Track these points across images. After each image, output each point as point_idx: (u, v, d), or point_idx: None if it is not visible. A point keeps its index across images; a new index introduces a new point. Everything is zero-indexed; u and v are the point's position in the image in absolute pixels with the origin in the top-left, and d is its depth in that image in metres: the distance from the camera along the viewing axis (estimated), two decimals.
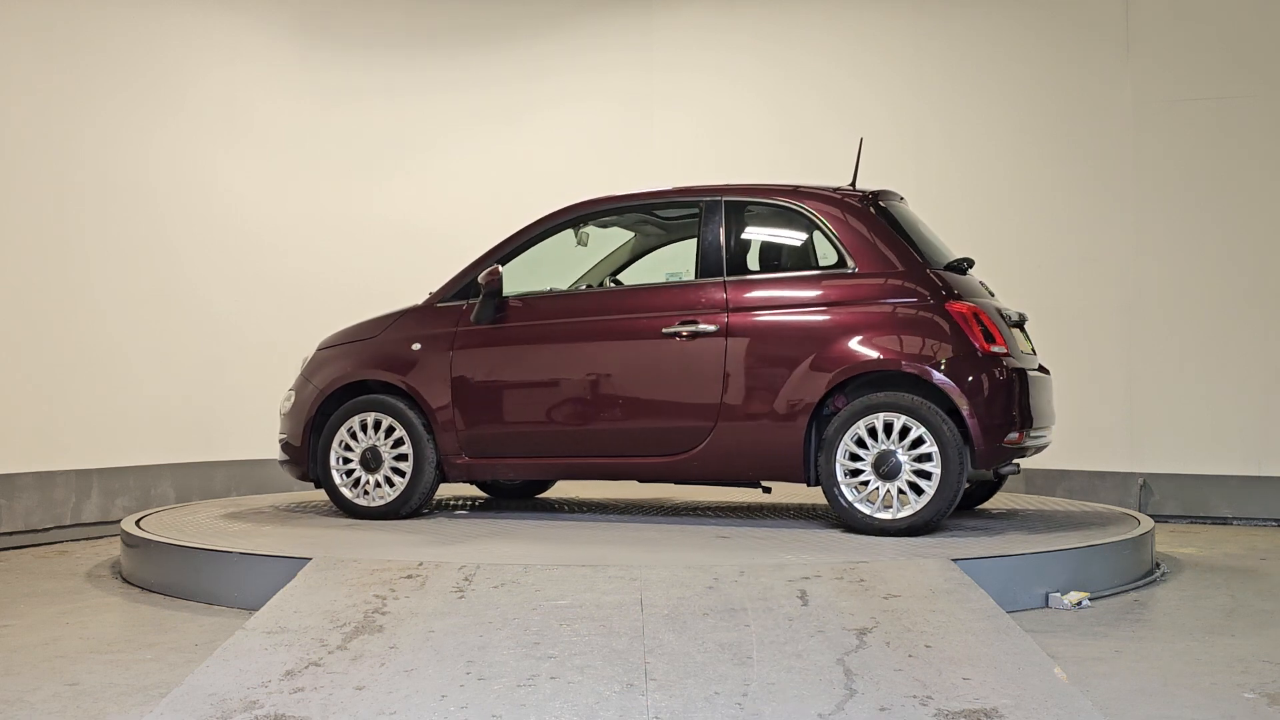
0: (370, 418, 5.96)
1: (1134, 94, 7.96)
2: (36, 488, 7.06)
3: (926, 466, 5.28)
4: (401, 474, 5.92)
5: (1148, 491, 7.84)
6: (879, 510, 5.35)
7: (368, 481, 5.95)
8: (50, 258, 7.30)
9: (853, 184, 6.04)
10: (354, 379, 6.04)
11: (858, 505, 5.37)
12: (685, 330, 5.61)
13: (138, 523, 5.84)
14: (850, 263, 5.60)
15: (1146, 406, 7.90)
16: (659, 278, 6.24)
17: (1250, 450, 7.66)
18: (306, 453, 6.06)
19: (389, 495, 5.93)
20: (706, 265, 5.73)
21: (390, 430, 5.93)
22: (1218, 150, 7.79)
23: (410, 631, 3.76)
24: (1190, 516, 7.76)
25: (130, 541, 5.60)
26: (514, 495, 6.96)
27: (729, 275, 5.69)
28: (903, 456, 5.30)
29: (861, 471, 5.38)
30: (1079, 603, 4.87)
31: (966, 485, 5.78)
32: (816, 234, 5.83)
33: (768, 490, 5.91)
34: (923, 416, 5.28)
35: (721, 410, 5.54)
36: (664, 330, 5.66)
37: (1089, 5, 8.12)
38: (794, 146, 8.61)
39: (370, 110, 8.76)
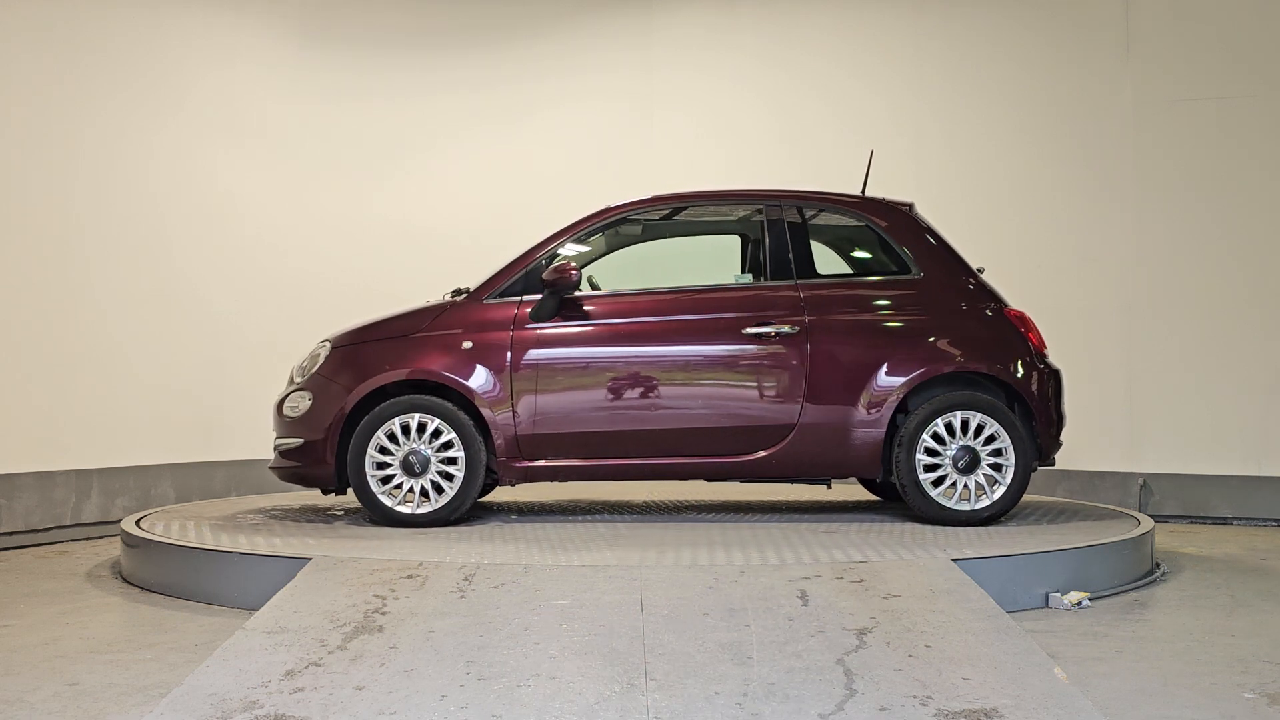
0: (414, 419, 5.63)
1: (1134, 94, 7.97)
2: (36, 488, 7.06)
3: (998, 460, 5.67)
4: (449, 478, 5.63)
5: (1148, 491, 7.84)
6: (958, 503, 5.67)
7: (410, 488, 5.62)
8: (50, 258, 7.31)
9: (862, 193, 6.25)
10: (401, 378, 5.67)
11: (938, 499, 5.65)
12: (770, 331, 5.71)
13: (138, 523, 5.84)
14: (915, 269, 5.92)
15: (1146, 406, 7.90)
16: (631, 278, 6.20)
17: (1250, 450, 7.66)
18: (333, 458, 5.67)
19: (438, 502, 5.61)
20: (776, 268, 5.87)
21: (436, 433, 5.62)
22: (1218, 150, 7.80)
23: (410, 631, 3.76)
24: (1190, 516, 7.76)
25: (130, 541, 5.60)
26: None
27: (799, 278, 5.85)
28: (981, 451, 5.66)
29: (939, 466, 5.65)
30: (1079, 603, 4.87)
31: None
32: (876, 240, 6.07)
33: (829, 486, 6.16)
34: (998, 414, 5.67)
35: (804, 409, 5.69)
36: (745, 330, 5.73)
37: (1089, 5, 8.12)
38: (794, 146, 8.62)
39: (370, 110, 8.76)
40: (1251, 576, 5.74)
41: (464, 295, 5.91)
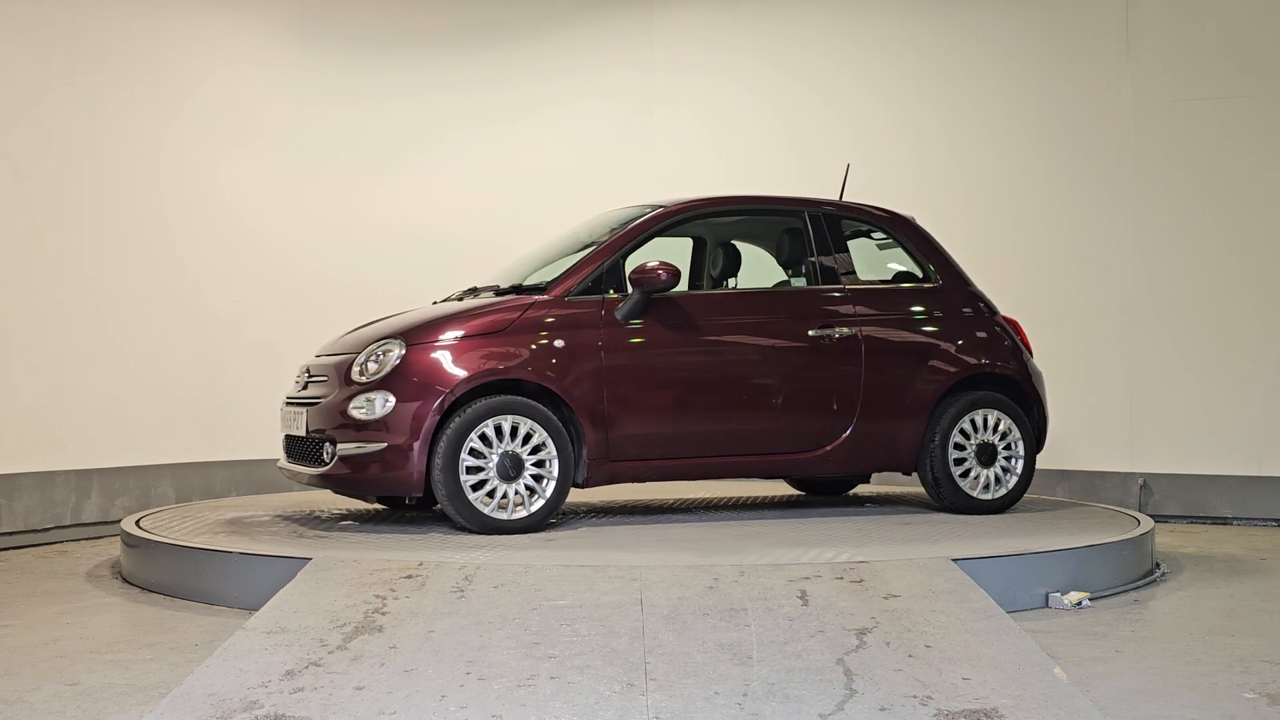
0: (507, 422, 5.38)
1: (1134, 94, 7.96)
2: (36, 488, 7.05)
3: (1009, 453, 6.17)
4: (539, 480, 5.42)
5: (1148, 491, 7.83)
6: (981, 492, 6.12)
7: (504, 494, 5.37)
8: (51, 258, 7.30)
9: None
10: (500, 377, 5.42)
11: (965, 489, 6.09)
12: (833, 332, 5.96)
13: (138, 523, 5.84)
14: (933, 277, 6.34)
15: (1146, 406, 7.90)
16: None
17: (1250, 450, 7.65)
18: (424, 462, 5.30)
19: (534, 505, 5.40)
20: (825, 273, 6.13)
21: (528, 436, 5.39)
22: (1218, 150, 7.79)
23: (410, 631, 3.76)
24: (1190, 516, 7.76)
25: (130, 541, 5.60)
26: (410, 506, 6.25)
27: (845, 283, 6.13)
28: (997, 445, 6.13)
29: (964, 460, 6.07)
30: (1079, 603, 4.87)
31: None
32: (897, 249, 6.43)
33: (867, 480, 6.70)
34: (1011, 411, 6.17)
35: (860, 408, 5.96)
36: (810, 333, 5.93)
37: (1089, 5, 8.11)
38: (795, 145, 8.62)
39: (370, 110, 8.76)
40: (1251, 576, 5.74)
41: (514, 293, 5.77)
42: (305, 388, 5.80)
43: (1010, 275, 8.08)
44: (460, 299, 6.08)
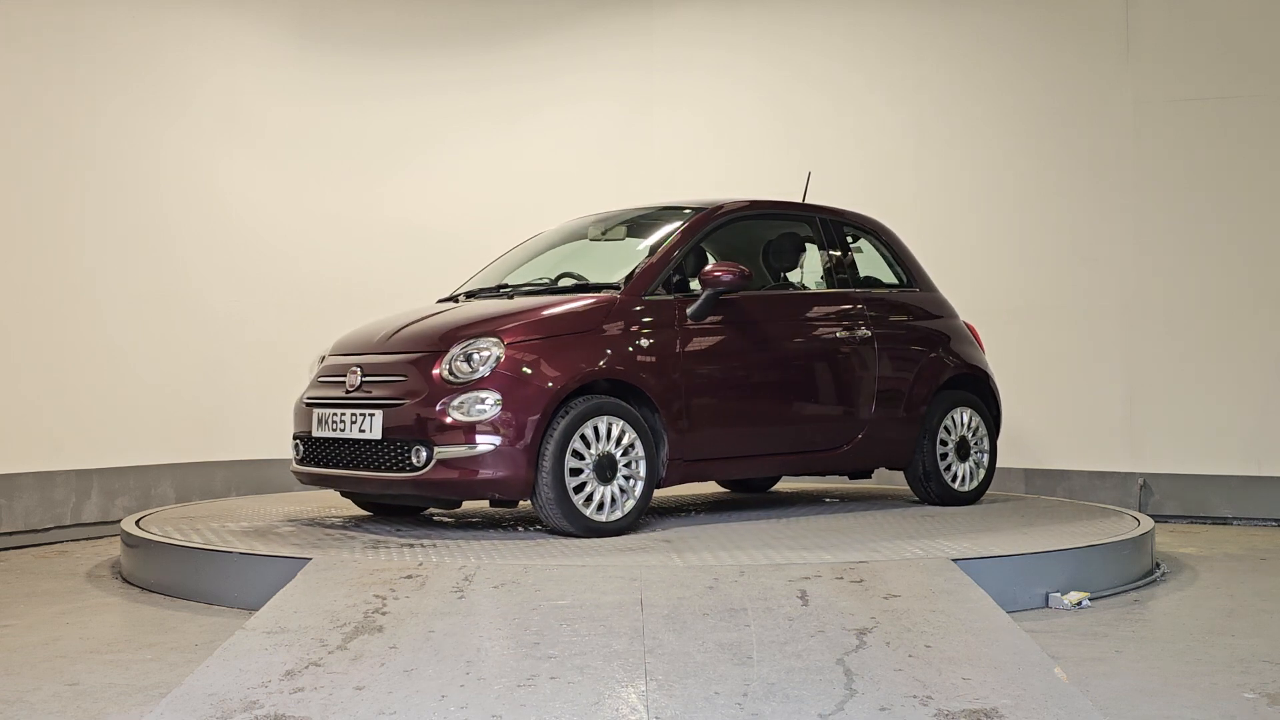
0: (603, 422, 5.28)
1: (1134, 94, 7.96)
2: (36, 488, 7.06)
3: (980, 447, 6.62)
4: (628, 480, 5.37)
5: (1148, 491, 7.83)
6: (960, 485, 6.51)
7: (603, 496, 5.28)
8: (51, 258, 7.30)
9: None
10: (599, 376, 5.33)
11: (948, 482, 6.46)
12: (856, 333, 6.23)
13: (138, 523, 5.84)
14: (915, 283, 6.69)
15: (1146, 406, 7.90)
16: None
17: (1250, 450, 7.65)
18: (533, 462, 5.13)
19: (626, 506, 5.35)
20: (839, 276, 6.39)
21: (620, 436, 5.32)
22: (1218, 150, 7.79)
23: (410, 631, 3.76)
24: (1190, 516, 7.76)
25: (130, 541, 5.60)
26: (396, 511, 6.08)
27: (855, 287, 6.40)
28: (971, 440, 6.56)
29: (945, 456, 6.46)
30: (1079, 603, 4.87)
31: None
32: (881, 256, 6.68)
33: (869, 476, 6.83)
34: (980, 409, 6.62)
35: (875, 406, 6.23)
36: (838, 334, 6.19)
37: (1089, 5, 8.11)
38: (795, 145, 8.61)
39: (371, 110, 8.76)
40: (1251, 576, 5.74)
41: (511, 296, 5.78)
42: (359, 387, 5.44)
43: (1010, 275, 8.09)
44: (505, 296, 5.95)
